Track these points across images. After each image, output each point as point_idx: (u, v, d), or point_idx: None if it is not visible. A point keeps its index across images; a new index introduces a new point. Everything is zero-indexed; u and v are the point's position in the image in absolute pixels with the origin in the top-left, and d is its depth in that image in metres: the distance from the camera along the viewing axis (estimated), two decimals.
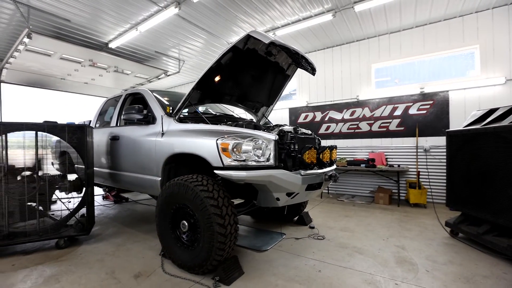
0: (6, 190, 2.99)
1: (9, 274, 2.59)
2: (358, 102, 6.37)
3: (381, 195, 5.47)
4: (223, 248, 2.35)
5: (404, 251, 3.05)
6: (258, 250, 3.11)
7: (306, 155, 2.57)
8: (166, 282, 2.41)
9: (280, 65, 3.76)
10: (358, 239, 3.44)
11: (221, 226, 2.32)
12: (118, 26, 5.33)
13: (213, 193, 2.41)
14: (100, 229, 3.96)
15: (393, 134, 5.92)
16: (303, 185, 2.54)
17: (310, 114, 7.14)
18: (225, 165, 2.39)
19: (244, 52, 3.09)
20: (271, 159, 2.46)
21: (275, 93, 4.25)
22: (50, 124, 3.16)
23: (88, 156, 3.40)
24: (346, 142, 6.57)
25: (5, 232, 2.97)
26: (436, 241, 3.33)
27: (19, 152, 3.20)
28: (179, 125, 2.99)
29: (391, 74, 6.19)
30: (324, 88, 6.94)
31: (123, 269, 2.68)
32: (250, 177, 2.35)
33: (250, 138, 2.43)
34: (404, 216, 4.54)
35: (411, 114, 5.70)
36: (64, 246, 3.22)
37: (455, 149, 3.48)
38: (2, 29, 5.19)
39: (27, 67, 6.13)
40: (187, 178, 2.55)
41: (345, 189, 6.53)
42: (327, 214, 4.71)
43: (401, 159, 5.78)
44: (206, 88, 3.25)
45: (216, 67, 2.93)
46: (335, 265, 2.70)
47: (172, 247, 2.70)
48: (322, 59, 6.95)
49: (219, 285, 2.33)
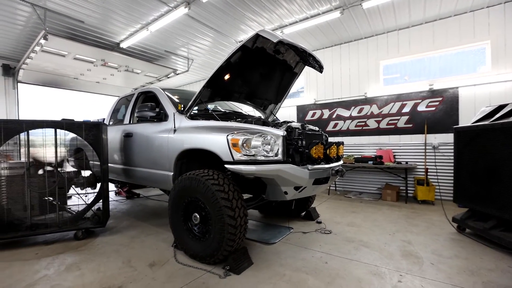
0: (28, 184, 3.17)
1: (33, 262, 2.76)
2: (366, 99, 6.38)
3: (389, 192, 5.49)
4: (233, 239, 2.46)
5: (410, 245, 3.10)
6: (267, 243, 3.21)
7: (313, 150, 2.65)
8: (179, 270, 2.54)
9: (288, 63, 3.83)
10: (364, 234, 3.50)
11: (231, 218, 2.42)
12: (129, 26, 5.49)
13: (224, 187, 2.51)
14: (114, 222, 4.13)
15: (401, 131, 5.91)
16: (310, 179, 2.62)
17: (317, 112, 7.18)
18: (235, 159, 2.49)
19: (253, 50, 3.17)
20: (279, 154, 2.55)
21: (283, 90, 4.33)
22: (69, 122, 3.33)
23: (103, 153, 3.55)
24: (354, 139, 6.58)
25: (28, 223, 3.15)
26: (443, 236, 3.36)
27: (39, 148, 3.38)
28: (190, 122, 3.11)
29: (399, 71, 6.17)
30: (332, 85, 6.96)
31: (138, 258, 2.82)
32: (259, 171, 2.44)
33: (259, 134, 2.52)
34: (412, 212, 4.56)
35: (420, 111, 5.69)
36: (82, 238, 3.39)
37: (462, 146, 3.49)
38: (19, 31, 5.41)
39: (42, 68, 6.36)
40: (198, 173, 2.66)
41: (352, 186, 6.56)
42: (334, 210, 4.78)
43: (409, 156, 5.77)
44: (216, 86, 3.35)
45: (225, 65, 3.03)
46: (342, 258, 2.78)
47: (184, 239, 2.82)
48: (330, 56, 6.97)
49: (229, 274, 2.45)
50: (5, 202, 3.09)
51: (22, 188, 3.17)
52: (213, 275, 2.45)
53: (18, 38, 5.71)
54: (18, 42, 5.87)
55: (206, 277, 2.41)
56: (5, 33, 5.47)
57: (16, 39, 5.73)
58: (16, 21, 5.04)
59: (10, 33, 5.49)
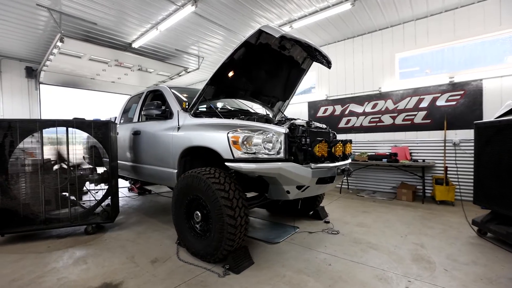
0: (42, 180, 3.31)
1: (45, 255, 2.88)
2: (380, 94, 6.11)
3: (404, 191, 5.23)
4: (233, 239, 2.42)
5: (423, 249, 2.92)
6: (270, 242, 3.15)
7: (317, 148, 2.55)
8: (179, 268, 2.55)
9: (295, 59, 3.72)
10: (374, 235, 3.35)
11: (231, 218, 2.39)
12: (139, 26, 5.59)
13: (224, 186, 2.48)
14: (124, 218, 4.24)
15: (418, 127, 5.61)
16: (313, 178, 2.53)
17: (329, 108, 6.98)
18: (236, 157, 2.45)
19: (257, 47, 3.10)
20: (281, 152, 2.48)
21: (291, 87, 4.22)
22: (79, 121, 3.44)
23: (112, 150, 3.64)
24: (367, 136, 6.34)
25: (42, 217, 3.30)
26: (460, 240, 3.14)
27: (52, 146, 3.51)
28: (194, 119, 3.10)
29: (416, 64, 5.84)
30: (344, 80, 6.73)
31: (142, 254, 2.87)
32: (260, 169, 2.39)
33: (260, 131, 2.46)
34: (428, 213, 4.32)
35: (439, 105, 5.35)
36: (92, 232, 3.50)
37: (484, 142, 3.23)
38: (39, 35, 5.67)
39: (61, 69, 6.65)
40: (200, 171, 2.64)
41: (366, 185, 6.33)
42: (344, 210, 4.62)
43: (426, 154, 5.46)
44: (220, 84, 3.32)
45: (229, 62, 2.99)
46: (347, 260, 2.67)
47: (187, 236, 2.83)
48: (342, 50, 6.73)
49: (228, 273, 2.42)
50: (22, 197, 3.25)
51: (37, 184, 3.31)
52: (213, 273, 2.43)
53: (39, 41, 5.99)
54: (39, 45, 6.16)
55: (205, 276, 2.40)
56: (27, 38, 5.76)
57: (36, 42, 6.02)
58: (37, 25, 5.28)
59: (31, 37, 5.77)
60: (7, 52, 6.40)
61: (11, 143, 3.11)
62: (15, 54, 6.54)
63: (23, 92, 6.87)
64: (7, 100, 6.62)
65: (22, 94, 6.87)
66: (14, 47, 6.16)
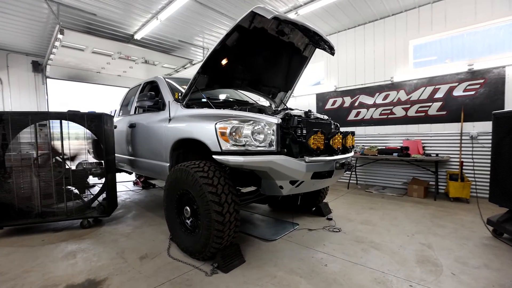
0: (37, 174, 3.29)
1: (37, 248, 2.86)
2: (392, 84, 5.74)
3: (415, 187, 4.93)
4: (221, 236, 2.29)
5: (430, 250, 2.68)
6: (266, 240, 3.00)
7: (311, 140, 2.34)
8: (167, 265, 2.45)
9: (296, 46, 3.48)
10: (378, 234, 3.13)
11: (218, 214, 2.25)
12: (139, 16, 5.46)
13: (213, 180, 2.33)
14: (123, 212, 4.21)
15: (432, 119, 5.24)
16: (307, 172, 2.34)
17: (338, 100, 6.67)
18: (223, 150, 2.29)
19: (252, 32, 2.89)
20: (273, 144, 2.30)
21: (293, 77, 3.99)
22: (71, 113, 3.37)
23: (107, 143, 3.57)
24: (378, 129, 6.01)
25: (38, 211, 3.28)
26: (473, 241, 2.87)
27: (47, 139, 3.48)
28: (185, 110, 2.96)
29: (431, 52, 5.43)
30: (354, 70, 6.39)
31: (132, 250, 2.79)
32: (248, 163, 2.22)
33: (250, 121, 2.28)
34: (440, 211, 4.02)
35: (456, 96, 4.96)
36: (87, 226, 3.48)
37: (502, 134, 2.90)
38: (42, 28, 5.67)
39: (66, 63, 6.68)
40: (188, 164, 2.51)
41: (375, 180, 6.04)
42: (350, 206, 4.39)
43: (441, 148, 5.10)
44: (214, 72, 3.15)
45: (222, 49, 2.80)
46: (345, 260, 2.48)
47: (177, 232, 2.72)
48: (353, 38, 6.37)
49: (216, 272, 2.29)
50: (17, 190, 3.24)
51: (32, 177, 3.30)
52: (200, 272, 2.31)
53: (42, 34, 6.00)
54: (43, 38, 6.18)
55: (192, 274, 2.28)
56: (31, 31, 5.77)
57: (40, 35, 6.03)
58: (39, 18, 5.26)
59: (35, 30, 5.78)
60: (13, 46, 6.48)
61: (3, 136, 3.09)
62: (21, 48, 6.61)
63: (30, 86, 6.98)
64: (15, 94, 6.74)
65: (30, 88, 6.98)
66: (19, 41, 6.22)
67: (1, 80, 6.57)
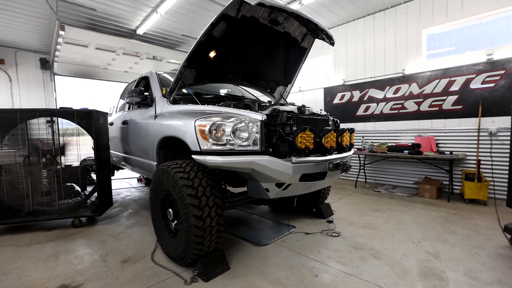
0: (28, 172, 3.26)
1: (23, 249, 2.82)
2: (404, 77, 5.35)
3: (427, 187, 4.57)
4: (201, 242, 2.12)
5: (436, 260, 2.40)
6: (257, 244, 2.81)
7: (299, 139, 2.11)
8: (147, 270, 2.32)
9: (293, 36, 3.24)
10: (380, 240, 2.87)
11: (197, 218, 2.08)
12: (139, 10, 5.35)
13: (193, 181, 2.16)
14: (119, 210, 4.15)
15: (447, 114, 4.83)
16: (294, 174, 2.12)
17: (347, 94, 6.33)
18: (203, 149, 2.11)
19: (241, 21, 2.68)
20: (257, 143, 2.10)
21: (292, 70, 3.75)
22: (61, 110, 3.31)
23: (99, 141, 3.49)
24: (388, 124, 5.64)
25: (27, 209, 3.25)
26: (487, 251, 2.55)
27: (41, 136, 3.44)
28: (171, 106, 2.80)
29: (447, 41, 4.98)
30: (363, 63, 6.02)
31: (117, 252, 2.69)
32: (227, 164, 2.03)
33: (231, 118, 2.09)
34: (453, 214, 3.68)
35: (473, 88, 4.53)
36: (79, 225, 3.42)
37: None
38: (46, 25, 5.69)
39: (72, 59, 6.70)
40: (170, 164, 2.36)
41: (385, 179, 5.70)
42: (354, 207, 4.12)
43: (456, 145, 4.70)
44: (203, 66, 2.97)
45: (208, 41, 2.62)
46: (339, 271, 2.25)
47: (162, 234, 2.60)
48: (362, 29, 5.99)
49: (196, 280, 2.14)
50: (8, 189, 3.22)
51: (25, 175, 3.27)
52: (180, 279, 2.17)
53: (48, 31, 6.04)
54: (48, 35, 6.22)
55: (171, 281, 2.14)
56: (35, 28, 5.82)
57: (46, 33, 6.07)
58: (41, 15, 5.25)
59: (39, 28, 5.82)
60: (20, 44, 6.58)
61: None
62: (28, 46, 6.71)
63: (38, 83, 7.09)
64: (24, 91, 6.88)
65: (38, 85, 7.09)
66: (26, 39, 6.30)
67: (10, 78, 6.71)
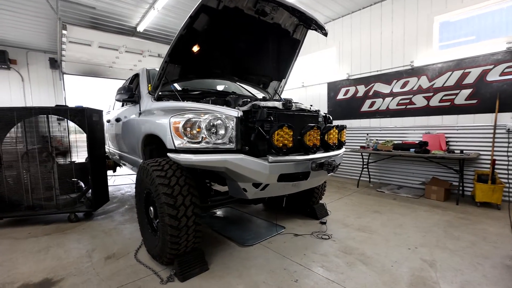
0: (26, 168, 3.35)
1: (20, 241, 2.92)
2: (412, 69, 5.03)
3: (434, 188, 4.29)
4: (176, 242, 2.08)
5: (432, 269, 2.22)
6: (242, 244, 2.74)
7: (275, 136, 1.99)
8: (128, 267, 2.31)
9: (284, 28, 3.09)
10: (372, 244, 2.70)
11: (172, 218, 2.03)
12: (137, 7, 5.34)
13: (170, 180, 2.11)
14: (116, 206, 4.21)
15: (460, 109, 4.49)
16: (271, 174, 2.01)
17: (351, 89, 6.06)
18: (177, 147, 2.05)
19: (224, 12, 2.57)
20: (232, 140, 2.01)
21: (286, 64, 3.60)
22: (55, 108, 3.37)
23: (92, 138, 3.52)
24: (395, 121, 5.35)
25: (26, 204, 3.36)
26: (492, 261, 2.33)
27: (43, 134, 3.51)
28: (155, 103, 2.76)
29: (462, 31, 4.61)
30: (369, 56, 5.72)
31: (104, 248, 2.71)
32: (200, 162, 1.96)
33: (206, 115, 2.00)
34: (460, 218, 3.42)
35: (490, 81, 4.17)
36: (75, 220, 3.50)
37: None
38: (51, 25, 5.83)
39: (78, 58, 6.86)
40: (149, 162, 2.32)
41: (390, 178, 5.43)
42: (353, 208, 3.94)
43: (469, 143, 4.36)
44: (187, 61, 2.89)
45: (189, 34, 2.54)
46: (321, 276, 2.13)
47: (145, 232, 2.58)
48: (368, 19, 5.68)
49: (172, 280, 2.10)
50: (9, 184, 3.33)
51: (23, 171, 3.37)
52: (157, 278, 2.14)
53: (54, 32, 6.19)
54: (55, 35, 6.37)
55: (147, 280, 2.12)
56: (41, 28, 5.98)
57: (52, 33, 6.24)
58: (45, 15, 5.38)
59: (45, 28, 5.99)
60: (31, 44, 6.82)
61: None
62: (38, 46, 6.94)
63: (48, 82, 7.34)
64: (35, 90, 7.15)
65: (48, 84, 7.35)
66: (34, 39, 6.51)
67: (22, 77, 6.99)
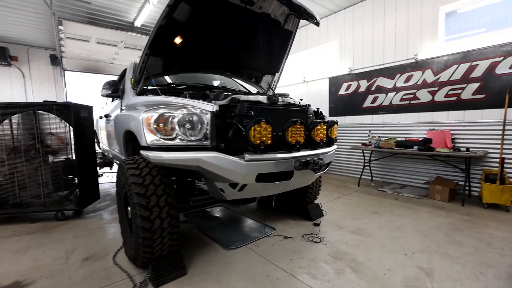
0: (12, 165, 3.29)
1: (2, 241, 2.86)
2: (416, 63, 4.77)
3: (439, 188, 4.05)
4: (149, 245, 1.95)
5: (428, 278, 2.02)
6: (227, 247, 2.59)
7: (252, 133, 1.83)
8: (102, 271, 2.20)
9: (274, 18, 2.92)
10: (366, 249, 2.52)
11: (144, 220, 1.90)
12: (133, 1, 5.25)
13: (144, 179, 1.98)
14: (107, 204, 4.13)
15: (466, 104, 4.22)
16: (248, 174, 1.86)
17: (353, 84, 5.82)
18: (149, 143, 1.91)
19: (207, 1, 2.42)
20: (207, 137, 1.86)
21: (278, 57, 3.43)
22: (40, 103, 3.29)
23: (79, 134, 3.43)
24: (398, 117, 5.10)
25: (12, 201, 3.30)
26: (496, 270, 2.11)
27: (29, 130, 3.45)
28: (136, 98, 2.63)
29: (468, 22, 4.32)
30: (371, 49, 5.47)
31: (84, 249, 2.62)
32: (171, 160, 1.82)
33: (178, 110, 1.86)
34: (464, 221, 3.19)
35: (499, 74, 3.88)
36: (62, 219, 3.43)
37: None
38: (48, 21, 5.80)
39: (77, 55, 6.83)
40: (126, 159, 2.20)
41: (394, 177, 5.19)
42: (350, 208, 3.75)
43: (476, 140, 4.09)
44: (170, 54, 2.76)
45: (170, 25, 2.39)
46: (305, 284, 1.97)
47: (124, 232, 2.47)
48: (370, 11, 5.42)
49: (145, 285, 1.98)
50: None
51: (11, 169, 3.31)
52: (130, 282, 2.03)
53: (52, 28, 6.16)
54: (53, 32, 6.37)
55: (120, 284, 2.01)
56: (39, 25, 5.98)
57: (51, 29, 6.20)
58: (41, 10, 5.36)
59: (44, 24, 5.98)
60: (31, 41, 6.83)
61: None
62: (38, 42, 6.96)
63: (49, 79, 7.37)
64: (36, 87, 7.18)
65: (49, 81, 7.37)
66: (35, 36, 6.52)
67: (23, 74, 7.01)
